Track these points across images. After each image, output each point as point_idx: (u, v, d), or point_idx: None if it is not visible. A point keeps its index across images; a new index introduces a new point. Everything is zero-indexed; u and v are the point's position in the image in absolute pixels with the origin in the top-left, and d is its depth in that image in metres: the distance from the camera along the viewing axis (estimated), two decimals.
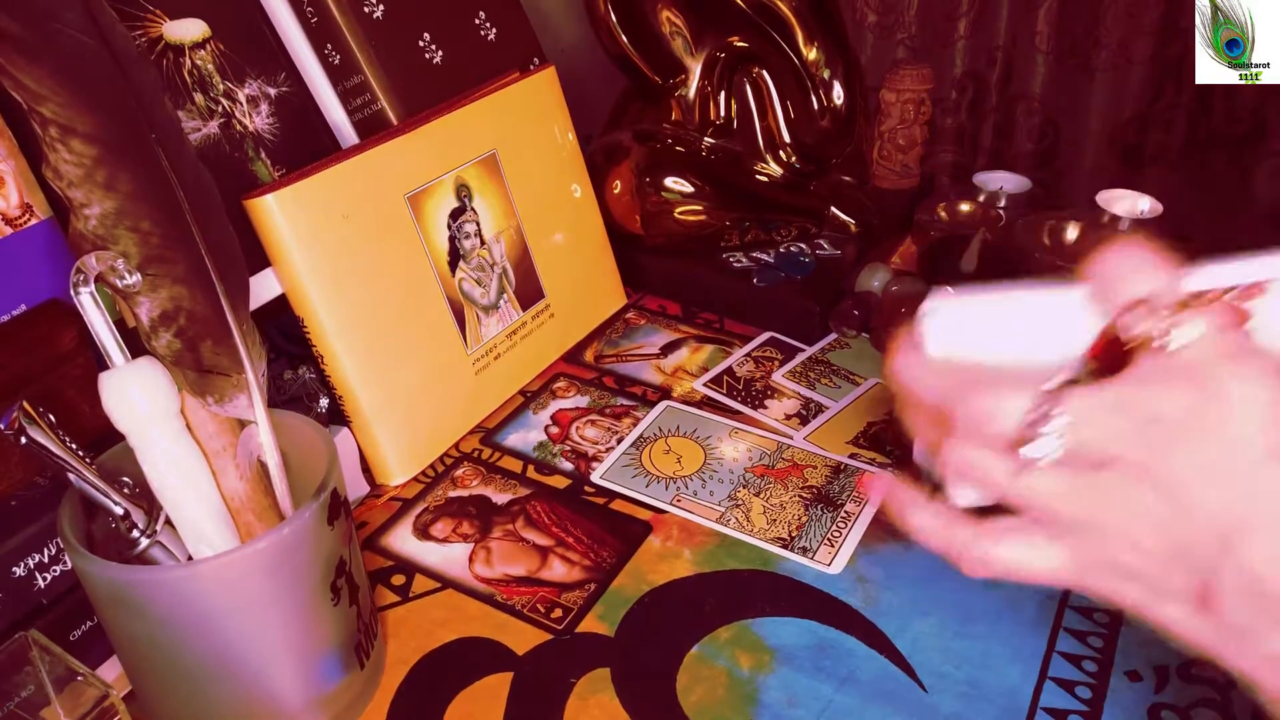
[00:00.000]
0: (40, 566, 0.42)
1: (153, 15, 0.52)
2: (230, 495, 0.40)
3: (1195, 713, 0.43)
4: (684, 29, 0.75)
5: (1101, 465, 0.29)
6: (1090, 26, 0.87)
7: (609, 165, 0.75)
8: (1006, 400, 0.29)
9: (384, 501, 0.56)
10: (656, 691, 0.44)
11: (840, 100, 0.74)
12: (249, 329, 0.41)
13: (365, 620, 0.43)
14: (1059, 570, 0.31)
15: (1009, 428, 0.29)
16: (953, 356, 0.32)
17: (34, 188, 0.44)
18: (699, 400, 0.64)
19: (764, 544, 0.52)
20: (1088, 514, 0.29)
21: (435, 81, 0.65)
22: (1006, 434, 0.29)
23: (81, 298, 0.35)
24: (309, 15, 0.60)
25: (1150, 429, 0.28)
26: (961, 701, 0.43)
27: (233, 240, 0.42)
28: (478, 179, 0.63)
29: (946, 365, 0.32)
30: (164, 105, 0.40)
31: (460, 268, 0.61)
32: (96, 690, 0.37)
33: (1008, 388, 0.30)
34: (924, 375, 0.32)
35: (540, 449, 0.60)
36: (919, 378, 0.32)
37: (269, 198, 0.51)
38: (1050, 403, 0.29)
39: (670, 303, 0.76)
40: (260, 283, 0.53)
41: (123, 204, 0.37)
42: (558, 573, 0.51)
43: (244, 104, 0.55)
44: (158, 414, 0.37)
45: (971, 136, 0.98)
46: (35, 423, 0.35)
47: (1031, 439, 0.29)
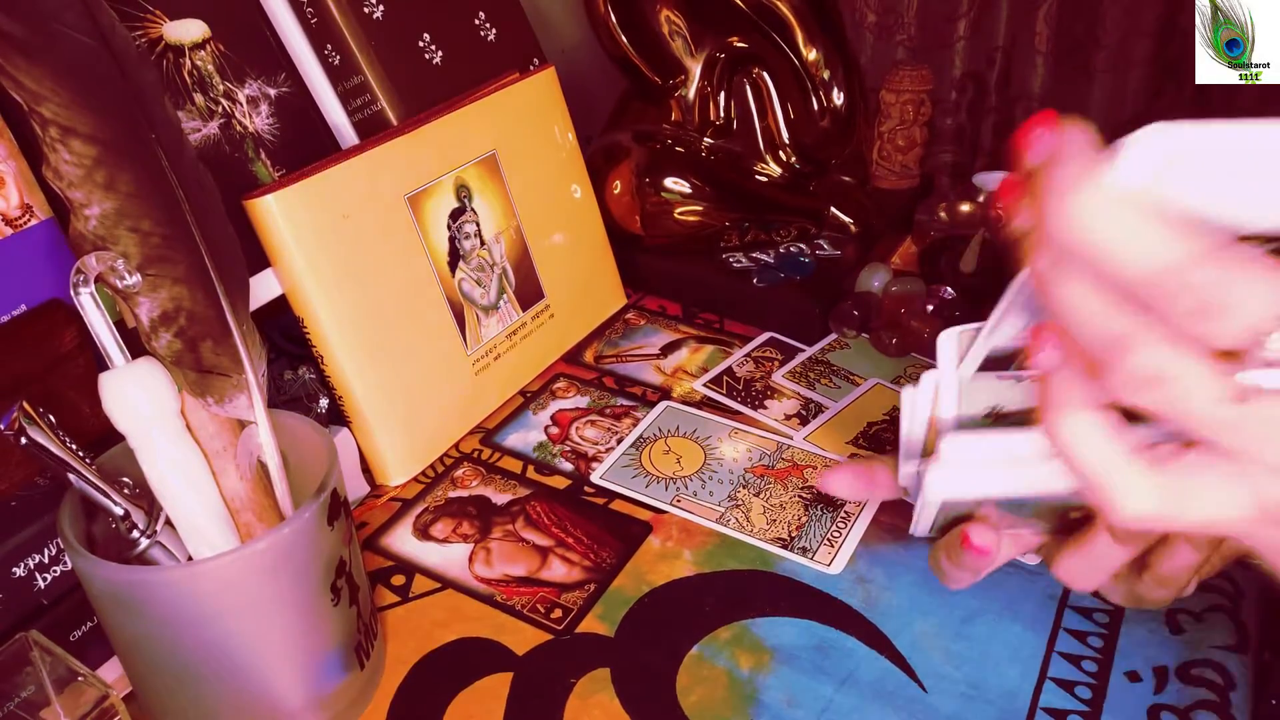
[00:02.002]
0: (40, 567, 0.42)
1: (153, 15, 0.52)
2: (230, 495, 0.40)
3: (1195, 714, 0.43)
4: (684, 29, 0.75)
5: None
6: (1090, 27, 0.87)
7: (609, 165, 0.75)
8: (1253, 287, 0.21)
9: (384, 502, 0.56)
10: (656, 691, 0.44)
11: (840, 101, 0.74)
12: (249, 329, 0.41)
13: (365, 620, 0.43)
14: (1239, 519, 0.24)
15: (1239, 331, 0.21)
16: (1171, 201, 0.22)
17: (34, 188, 0.44)
18: (699, 400, 0.64)
19: (764, 544, 0.52)
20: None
21: (435, 82, 0.66)
22: (1233, 339, 0.22)
23: (81, 298, 0.36)
24: (309, 16, 0.60)
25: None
26: (961, 701, 0.43)
27: (233, 240, 0.42)
28: (478, 179, 0.63)
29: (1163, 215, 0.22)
30: (164, 105, 0.40)
31: (460, 268, 0.61)
32: (96, 690, 0.37)
33: (1258, 268, 0.21)
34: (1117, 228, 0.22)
35: (540, 449, 0.60)
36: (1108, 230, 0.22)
37: (269, 198, 0.51)
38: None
39: (670, 303, 0.76)
40: (260, 283, 0.53)
41: (123, 204, 0.37)
42: (558, 573, 0.51)
43: (244, 104, 0.55)
44: (158, 414, 0.37)
45: (971, 136, 0.98)
46: (35, 423, 0.35)
47: (1266, 358, 0.21)
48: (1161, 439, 0.25)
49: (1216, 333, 0.22)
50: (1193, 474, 0.24)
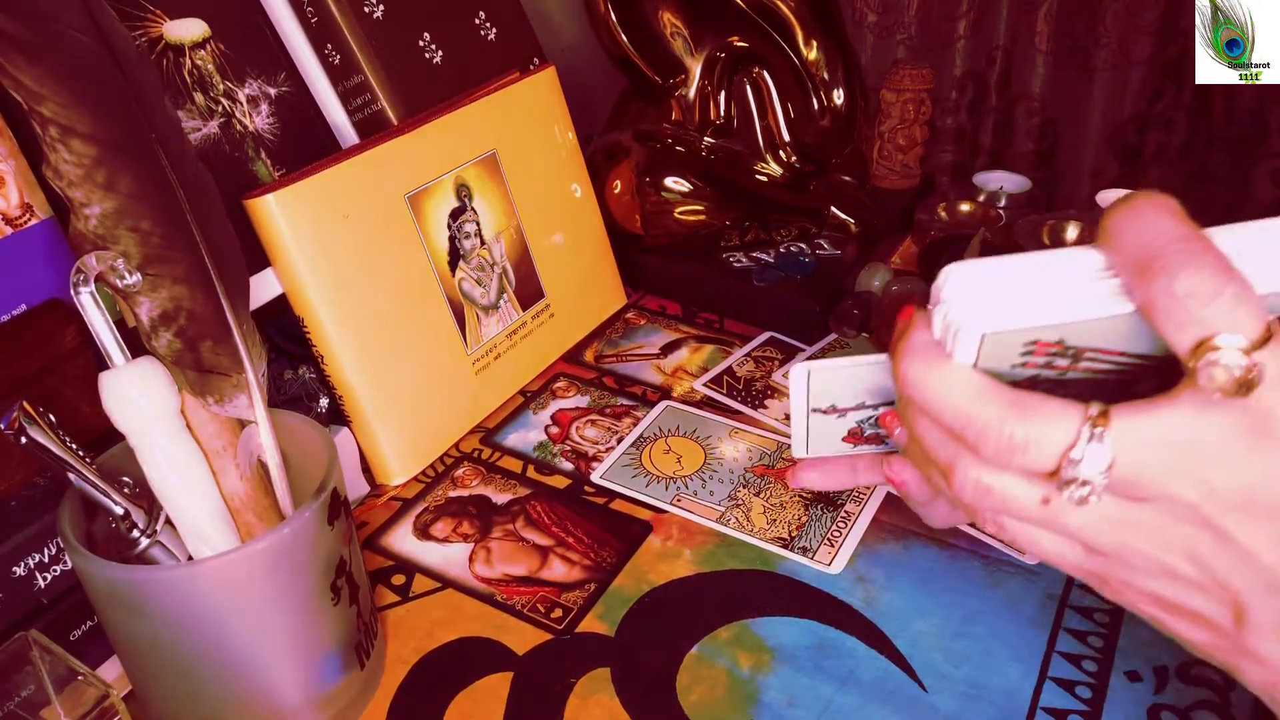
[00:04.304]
0: (40, 566, 0.42)
1: (153, 15, 0.52)
2: (230, 495, 0.40)
3: (1195, 714, 0.43)
4: (684, 29, 0.75)
5: (1144, 500, 0.27)
6: (1090, 26, 0.87)
7: (609, 165, 0.75)
8: (1048, 427, 0.27)
9: (384, 501, 0.56)
10: (656, 691, 0.44)
11: (840, 100, 0.74)
12: (249, 329, 0.41)
13: (365, 620, 0.43)
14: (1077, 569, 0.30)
15: (1046, 459, 0.27)
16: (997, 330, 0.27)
17: (34, 188, 0.44)
18: (699, 400, 0.64)
19: (764, 544, 0.52)
20: (1121, 544, 0.28)
21: (435, 81, 0.66)
22: (1041, 464, 0.27)
23: (81, 298, 0.35)
24: (309, 15, 0.60)
25: (1202, 467, 0.26)
26: (961, 701, 0.43)
27: (233, 240, 0.42)
28: (478, 179, 0.63)
29: (976, 382, 0.28)
30: (164, 105, 0.40)
31: (460, 268, 0.61)
32: (96, 690, 0.37)
33: (1049, 414, 0.27)
34: (949, 391, 0.28)
35: (540, 449, 0.60)
36: (941, 392, 0.28)
37: (269, 198, 0.51)
38: (1092, 431, 0.26)
39: (670, 303, 0.76)
40: (260, 283, 0.53)
41: (123, 204, 0.37)
42: (558, 573, 0.51)
43: (244, 104, 0.55)
44: (158, 414, 0.37)
45: (971, 136, 0.98)
46: (35, 423, 0.35)
47: (1071, 478, 0.26)
48: None
49: (1028, 463, 0.27)
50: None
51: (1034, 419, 0.27)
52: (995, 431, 0.27)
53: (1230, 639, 0.28)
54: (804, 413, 0.38)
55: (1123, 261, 0.26)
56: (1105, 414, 0.26)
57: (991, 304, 0.28)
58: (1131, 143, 0.90)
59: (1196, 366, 0.24)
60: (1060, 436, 0.26)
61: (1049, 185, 0.94)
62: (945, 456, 0.30)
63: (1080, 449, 0.26)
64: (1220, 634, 0.28)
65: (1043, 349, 0.28)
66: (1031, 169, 0.93)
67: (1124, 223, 0.26)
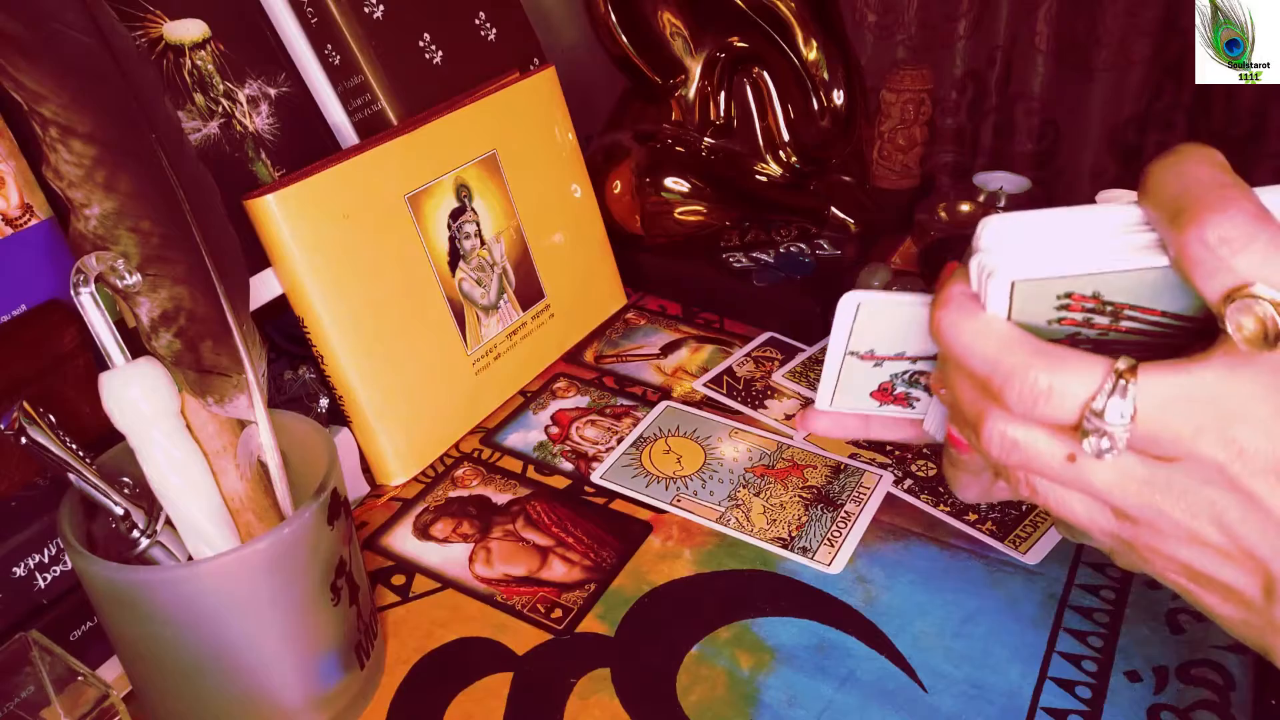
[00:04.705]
0: (40, 566, 0.42)
1: (153, 15, 0.52)
2: (230, 495, 0.40)
3: (1195, 714, 0.43)
4: (684, 29, 0.75)
5: (1170, 459, 0.26)
6: (1090, 26, 0.87)
7: (609, 165, 0.75)
8: (1072, 377, 0.26)
9: (384, 501, 0.56)
10: (656, 691, 0.44)
11: (840, 100, 0.74)
12: (249, 329, 0.41)
13: (365, 620, 0.43)
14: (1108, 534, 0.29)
15: (1069, 409, 0.27)
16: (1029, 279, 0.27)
17: (34, 188, 0.44)
18: (699, 400, 0.64)
19: (764, 544, 0.52)
20: (1147, 506, 0.27)
21: (435, 81, 0.66)
22: (1064, 414, 0.27)
23: (81, 298, 0.36)
24: (309, 15, 0.60)
25: (1231, 426, 0.25)
26: (961, 701, 0.43)
27: (233, 240, 0.42)
28: (478, 179, 0.63)
29: (1006, 330, 0.28)
30: (164, 105, 0.40)
31: (460, 268, 0.61)
32: (96, 690, 0.37)
33: (1073, 363, 0.26)
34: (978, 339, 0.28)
35: (540, 449, 0.60)
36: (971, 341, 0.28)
37: (269, 198, 0.51)
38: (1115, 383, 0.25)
39: (670, 303, 0.76)
40: (260, 283, 0.53)
41: (123, 204, 0.37)
42: (558, 573, 0.51)
43: (244, 104, 0.55)
44: (158, 414, 0.37)
45: (971, 136, 0.98)
46: (35, 423, 0.35)
47: (1094, 429, 0.26)
48: None
49: (1051, 412, 0.27)
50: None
51: (1059, 368, 0.27)
52: (1019, 378, 0.27)
53: (1261, 614, 0.27)
54: (840, 354, 0.37)
55: (1158, 212, 0.26)
56: (1133, 369, 0.26)
57: (1024, 252, 0.27)
58: (1131, 142, 0.90)
59: (1225, 314, 0.24)
60: (1083, 387, 0.26)
61: (1049, 185, 0.94)
62: (975, 410, 0.29)
63: (1101, 400, 0.26)
64: (1250, 609, 0.28)
65: (1079, 303, 0.28)
66: (1031, 169, 0.93)
67: (1163, 173, 0.26)
